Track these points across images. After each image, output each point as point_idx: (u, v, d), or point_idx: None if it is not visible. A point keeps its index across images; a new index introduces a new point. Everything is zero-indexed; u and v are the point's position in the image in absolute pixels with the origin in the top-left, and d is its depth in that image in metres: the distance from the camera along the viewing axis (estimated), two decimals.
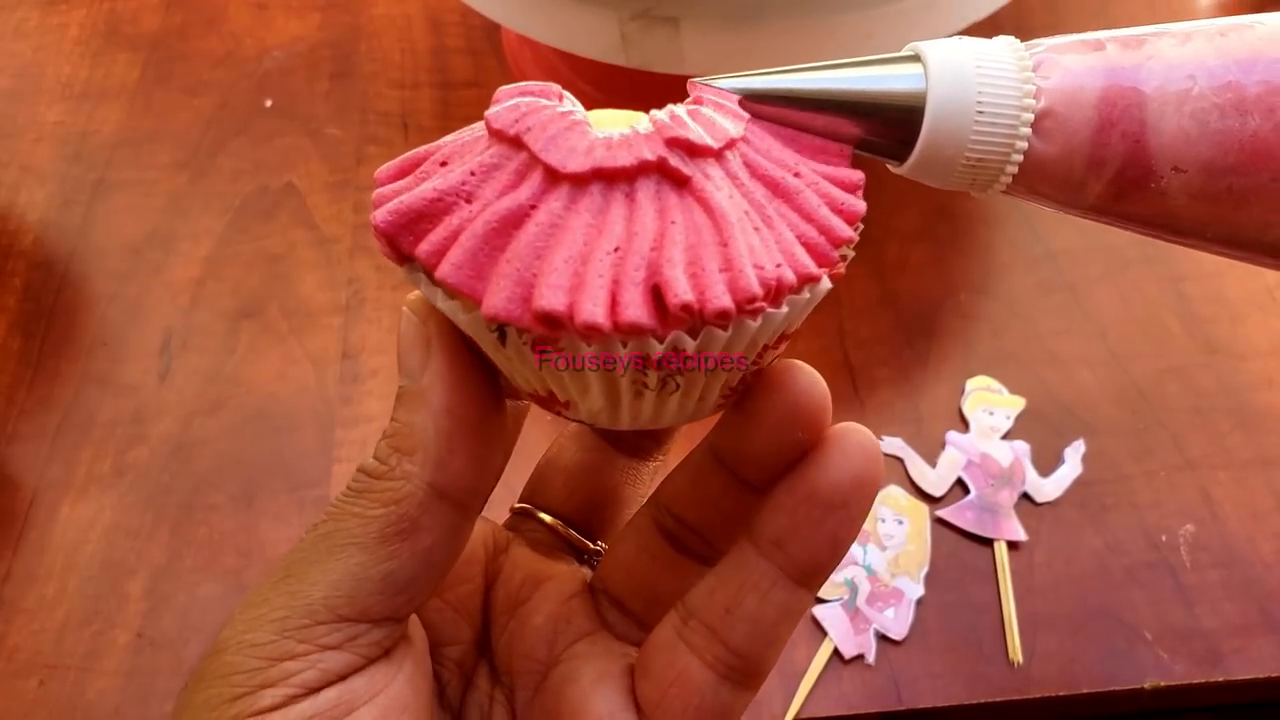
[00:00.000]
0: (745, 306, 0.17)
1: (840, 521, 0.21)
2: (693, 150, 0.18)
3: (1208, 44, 0.19)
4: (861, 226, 0.19)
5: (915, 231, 0.55)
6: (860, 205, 0.19)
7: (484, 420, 0.20)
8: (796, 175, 0.19)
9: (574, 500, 0.26)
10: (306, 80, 0.64)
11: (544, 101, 0.19)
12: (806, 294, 0.19)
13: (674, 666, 0.22)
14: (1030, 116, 0.19)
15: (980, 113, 0.19)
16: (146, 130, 0.62)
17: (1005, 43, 0.19)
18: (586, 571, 0.25)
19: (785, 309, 0.18)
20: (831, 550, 0.21)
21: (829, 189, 0.19)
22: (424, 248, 0.18)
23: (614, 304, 0.17)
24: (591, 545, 0.26)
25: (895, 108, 0.19)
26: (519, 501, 0.27)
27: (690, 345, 0.18)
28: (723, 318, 0.17)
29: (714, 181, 0.18)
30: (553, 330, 0.17)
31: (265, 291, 0.55)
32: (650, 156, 0.18)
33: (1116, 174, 0.19)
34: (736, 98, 0.20)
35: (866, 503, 0.21)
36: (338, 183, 0.59)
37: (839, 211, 0.19)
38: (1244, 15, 0.19)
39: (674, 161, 0.18)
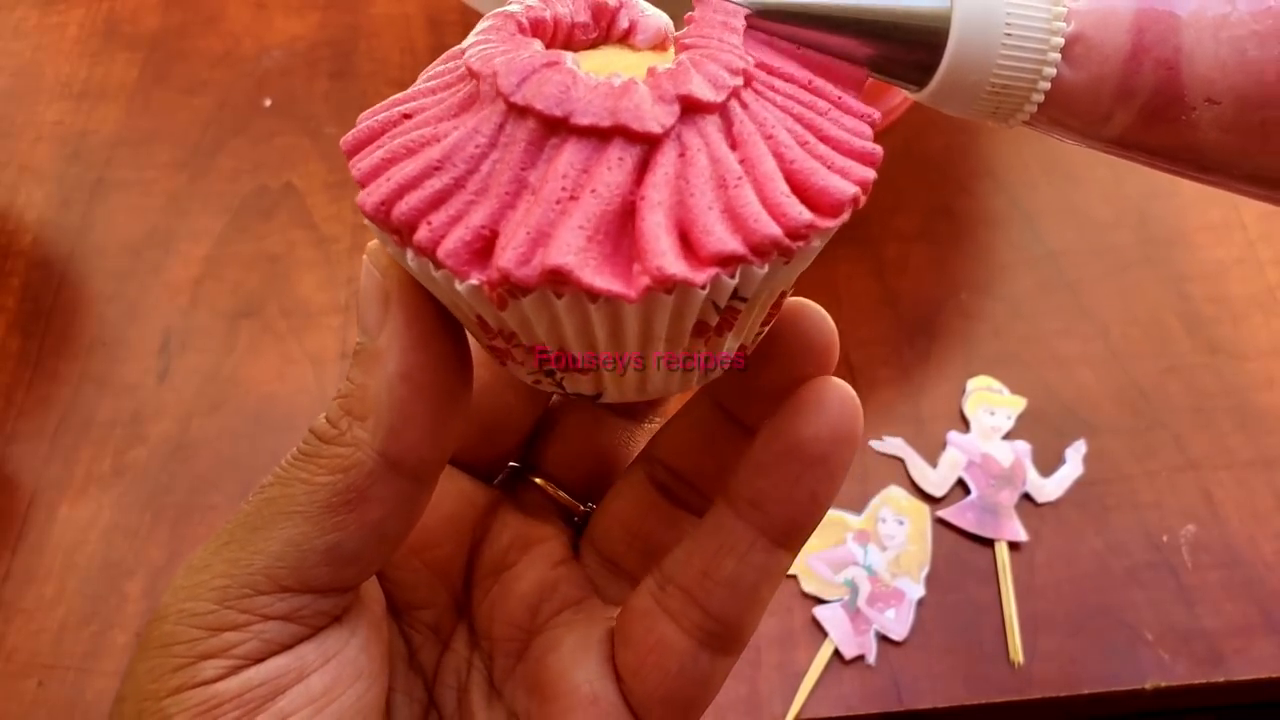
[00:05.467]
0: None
1: (819, 478, 0.20)
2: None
3: None
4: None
5: (915, 231, 0.55)
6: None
7: (444, 387, 0.19)
8: (738, 177, 0.17)
9: (567, 462, 0.25)
10: (306, 80, 0.63)
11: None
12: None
13: (652, 633, 0.21)
14: (1060, 41, 0.17)
15: (1008, 35, 0.17)
16: (145, 130, 0.62)
17: None
18: (575, 536, 0.25)
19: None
20: (811, 508, 0.20)
21: (743, 195, 0.17)
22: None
23: (393, 200, 0.17)
24: (582, 508, 0.25)
25: (916, 27, 0.18)
26: (511, 462, 0.26)
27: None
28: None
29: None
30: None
31: (264, 291, 0.55)
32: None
33: (1145, 105, 0.18)
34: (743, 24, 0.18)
35: (847, 457, 0.20)
36: (337, 182, 0.59)
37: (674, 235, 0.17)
38: None
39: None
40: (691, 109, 0.17)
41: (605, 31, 0.20)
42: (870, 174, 0.18)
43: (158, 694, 0.19)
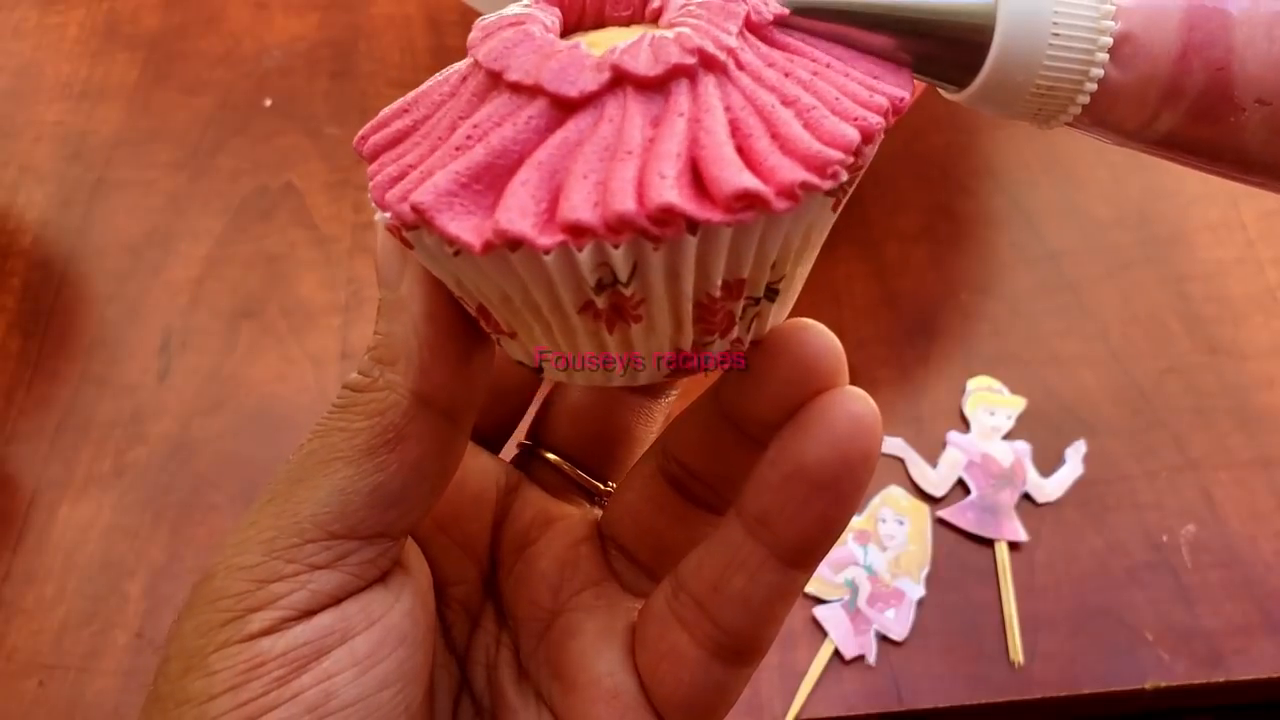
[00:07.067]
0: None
1: (830, 501, 0.19)
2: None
3: None
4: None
5: (915, 231, 0.55)
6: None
7: (467, 325, 0.20)
8: (655, 136, 0.16)
9: (582, 439, 0.25)
10: (306, 80, 0.63)
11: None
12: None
13: (665, 640, 0.21)
14: (1108, 41, 0.17)
15: (1055, 34, 0.17)
16: (146, 130, 0.62)
17: None
18: (597, 513, 0.24)
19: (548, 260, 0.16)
20: (822, 532, 0.19)
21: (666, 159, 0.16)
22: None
23: (369, 135, 0.18)
24: (602, 486, 0.25)
25: (960, 25, 0.17)
26: (524, 438, 0.25)
27: None
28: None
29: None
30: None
31: (265, 291, 0.55)
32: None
33: (1193, 105, 0.17)
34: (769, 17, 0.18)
35: (861, 478, 0.19)
36: (337, 182, 0.59)
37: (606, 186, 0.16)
38: None
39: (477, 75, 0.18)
40: (623, 80, 0.17)
41: (640, 9, 0.19)
42: (798, 177, 0.16)
43: (204, 650, 0.18)
